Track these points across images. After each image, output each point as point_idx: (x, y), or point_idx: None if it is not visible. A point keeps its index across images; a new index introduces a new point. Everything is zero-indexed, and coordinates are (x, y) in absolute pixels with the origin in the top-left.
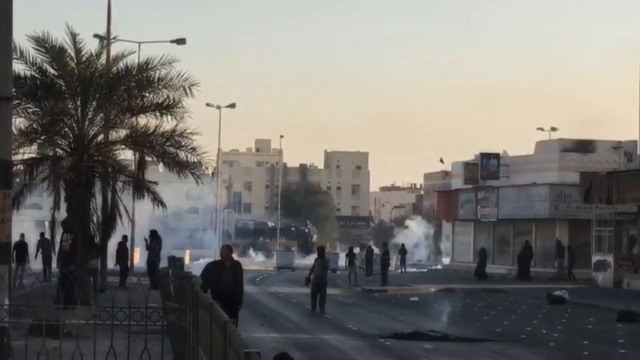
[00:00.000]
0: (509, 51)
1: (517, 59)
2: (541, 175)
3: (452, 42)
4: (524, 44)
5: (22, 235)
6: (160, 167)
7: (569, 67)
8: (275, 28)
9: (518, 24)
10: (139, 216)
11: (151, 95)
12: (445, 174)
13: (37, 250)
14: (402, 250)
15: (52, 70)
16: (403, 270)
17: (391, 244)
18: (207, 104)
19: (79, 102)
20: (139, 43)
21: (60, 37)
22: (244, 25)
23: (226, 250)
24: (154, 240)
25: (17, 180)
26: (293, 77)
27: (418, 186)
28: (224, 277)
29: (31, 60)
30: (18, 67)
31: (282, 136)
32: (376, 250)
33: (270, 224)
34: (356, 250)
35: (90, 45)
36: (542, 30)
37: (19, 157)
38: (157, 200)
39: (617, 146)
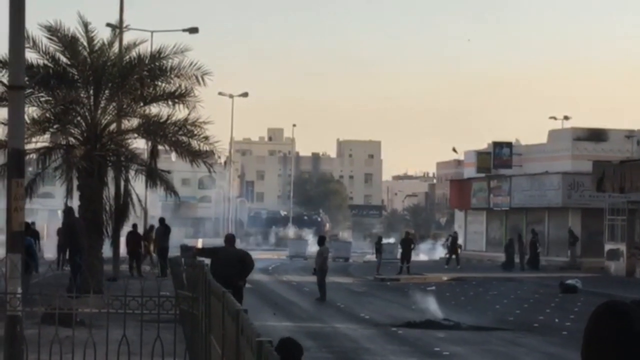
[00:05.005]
0: (522, 38)
1: (531, 46)
2: (554, 164)
3: (466, 29)
4: (537, 31)
5: (33, 223)
6: (173, 156)
7: (583, 56)
8: (288, 16)
9: (532, 11)
10: (151, 205)
11: (163, 84)
12: (458, 162)
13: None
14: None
15: (64, 59)
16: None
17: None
18: (220, 93)
19: (91, 91)
20: (152, 32)
21: (72, 26)
22: (256, 14)
23: (230, 238)
24: (162, 228)
25: (30, 169)
26: (306, 66)
27: (430, 175)
28: (228, 260)
29: (44, 49)
30: (31, 56)
31: (294, 125)
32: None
33: (283, 212)
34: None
35: (103, 34)
36: (556, 17)
37: (31, 146)
38: (170, 189)
39: (629, 135)
